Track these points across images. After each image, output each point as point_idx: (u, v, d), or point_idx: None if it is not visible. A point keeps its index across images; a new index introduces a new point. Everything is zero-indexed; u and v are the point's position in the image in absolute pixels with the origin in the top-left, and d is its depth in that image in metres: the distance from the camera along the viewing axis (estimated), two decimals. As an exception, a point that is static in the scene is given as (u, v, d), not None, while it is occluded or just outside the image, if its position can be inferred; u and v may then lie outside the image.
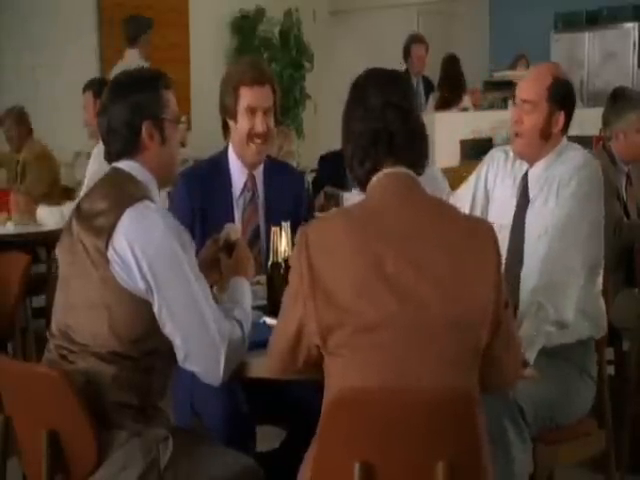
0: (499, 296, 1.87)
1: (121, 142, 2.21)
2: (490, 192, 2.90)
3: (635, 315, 3.48)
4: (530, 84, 2.73)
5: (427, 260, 1.83)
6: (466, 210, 2.82)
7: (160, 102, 2.23)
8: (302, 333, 1.89)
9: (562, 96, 2.70)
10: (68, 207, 4.59)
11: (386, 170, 1.96)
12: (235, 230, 2.55)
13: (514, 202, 2.78)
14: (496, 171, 2.89)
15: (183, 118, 2.28)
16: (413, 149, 1.99)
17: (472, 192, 2.93)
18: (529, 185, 2.76)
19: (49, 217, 4.75)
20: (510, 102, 2.38)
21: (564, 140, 2.76)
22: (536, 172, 2.75)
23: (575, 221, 2.59)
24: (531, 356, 2.35)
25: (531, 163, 2.77)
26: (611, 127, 3.89)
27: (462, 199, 2.92)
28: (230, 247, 2.49)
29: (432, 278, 1.82)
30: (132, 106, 2.19)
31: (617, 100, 3.95)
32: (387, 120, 1.96)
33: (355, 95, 2.04)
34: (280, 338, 1.96)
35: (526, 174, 2.78)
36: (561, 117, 2.69)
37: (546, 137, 2.70)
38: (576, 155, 2.72)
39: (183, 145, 2.38)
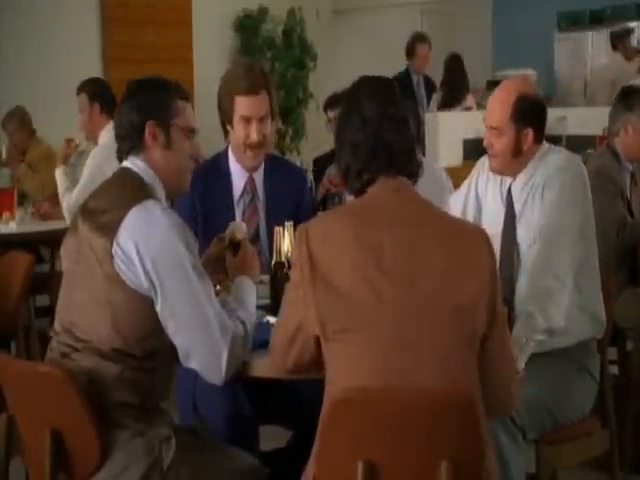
0: (494, 284, 1.90)
1: (126, 139, 2.26)
2: (481, 201, 2.91)
3: (638, 314, 3.48)
4: (494, 109, 2.70)
5: (423, 249, 1.87)
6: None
7: (169, 106, 2.26)
8: (302, 325, 1.90)
9: (527, 112, 2.66)
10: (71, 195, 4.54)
11: (384, 179, 1.97)
12: (240, 229, 2.55)
13: (503, 213, 2.78)
14: (486, 179, 2.89)
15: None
16: (410, 160, 2.00)
17: (463, 200, 2.95)
18: (514, 199, 2.76)
19: (60, 179, 4.67)
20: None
21: (544, 146, 2.74)
22: (519, 184, 2.74)
23: (560, 228, 2.59)
24: (521, 363, 2.37)
25: (513, 177, 2.76)
26: (620, 120, 3.86)
27: (454, 207, 2.92)
28: (235, 246, 2.49)
29: (428, 266, 1.86)
30: (137, 105, 2.24)
31: (628, 95, 3.93)
32: (384, 132, 1.96)
33: (349, 106, 2.03)
34: (280, 332, 1.99)
35: (509, 189, 2.77)
36: (529, 133, 2.66)
37: (518, 154, 2.69)
38: (558, 158, 2.71)
39: (197, 161, 2.42)
